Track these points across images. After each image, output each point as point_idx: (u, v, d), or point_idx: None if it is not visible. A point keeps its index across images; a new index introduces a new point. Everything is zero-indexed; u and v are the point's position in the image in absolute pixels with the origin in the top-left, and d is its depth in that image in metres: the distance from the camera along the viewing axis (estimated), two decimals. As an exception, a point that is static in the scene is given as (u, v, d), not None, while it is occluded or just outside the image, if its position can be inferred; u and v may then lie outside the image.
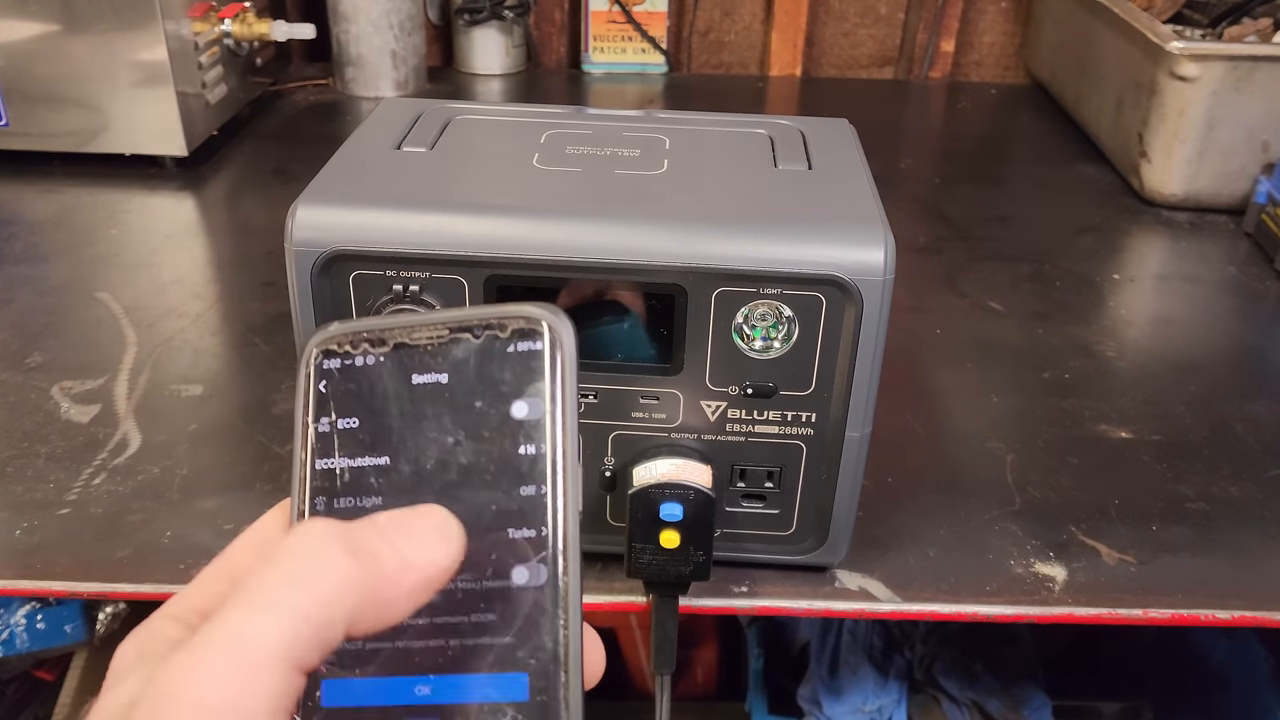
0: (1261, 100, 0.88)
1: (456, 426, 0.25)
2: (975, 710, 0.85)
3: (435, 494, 0.24)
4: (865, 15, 1.32)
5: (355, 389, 0.25)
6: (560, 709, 0.23)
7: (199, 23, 0.96)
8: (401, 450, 0.25)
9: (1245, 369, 0.72)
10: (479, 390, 0.25)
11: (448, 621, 0.24)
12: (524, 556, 0.24)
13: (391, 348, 0.25)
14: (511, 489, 0.24)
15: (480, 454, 0.25)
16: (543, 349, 0.25)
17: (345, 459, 0.25)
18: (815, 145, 0.52)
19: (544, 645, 0.23)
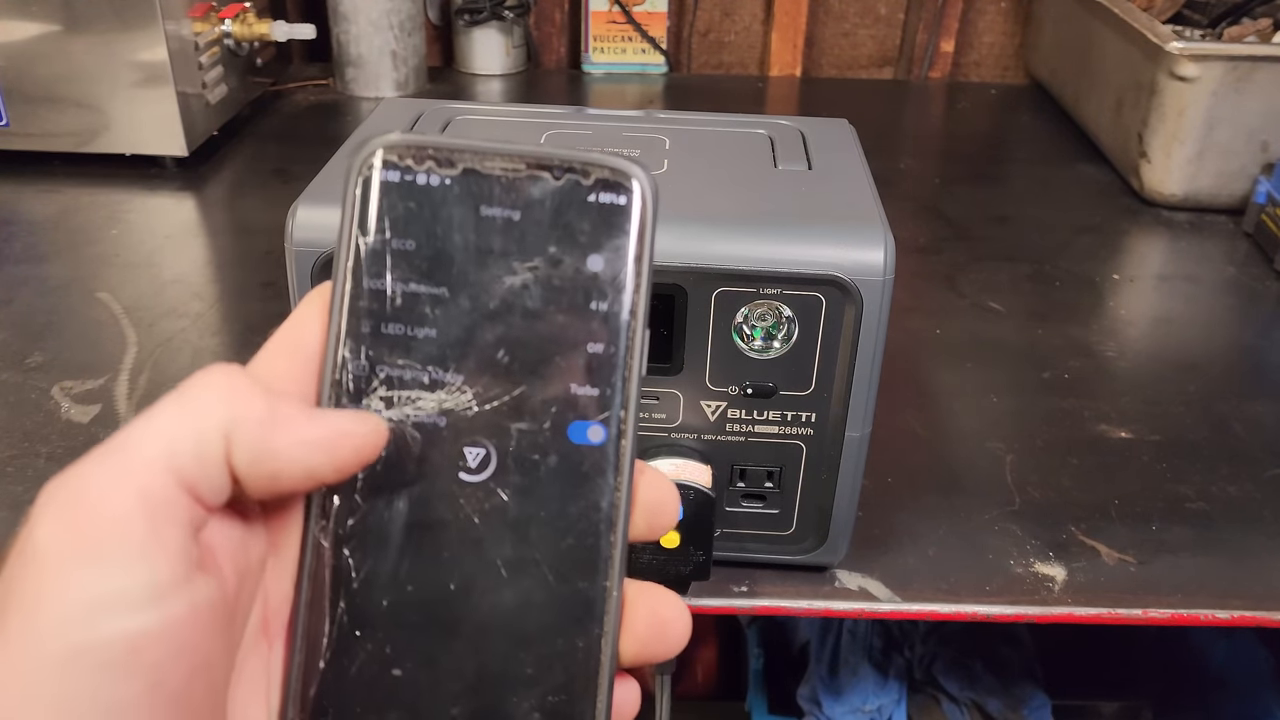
0: (1261, 100, 0.88)
1: (525, 269, 0.23)
2: (975, 710, 0.85)
3: (496, 336, 0.23)
4: (865, 15, 1.32)
5: (415, 208, 0.23)
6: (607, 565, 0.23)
7: (199, 23, 0.96)
8: (462, 283, 0.23)
9: (1245, 369, 0.72)
10: (553, 235, 0.23)
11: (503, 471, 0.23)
12: (585, 414, 0.23)
13: (460, 171, 0.23)
14: (579, 344, 0.23)
15: (549, 302, 0.23)
16: (628, 205, 0.23)
17: (399, 282, 0.23)
18: (815, 145, 0.53)
19: (598, 505, 0.23)
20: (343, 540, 0.24)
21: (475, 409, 0.23)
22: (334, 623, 0.23)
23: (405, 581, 0.23)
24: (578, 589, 0.23)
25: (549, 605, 0.23)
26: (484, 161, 0.23)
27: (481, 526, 0.23)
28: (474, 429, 0.23)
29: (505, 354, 0.23)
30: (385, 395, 0.23)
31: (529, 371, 0.23)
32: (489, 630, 0.23)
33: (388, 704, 0.23)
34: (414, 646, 0.23)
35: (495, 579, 0.23)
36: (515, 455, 0.23)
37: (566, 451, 0.23)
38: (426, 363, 0.23)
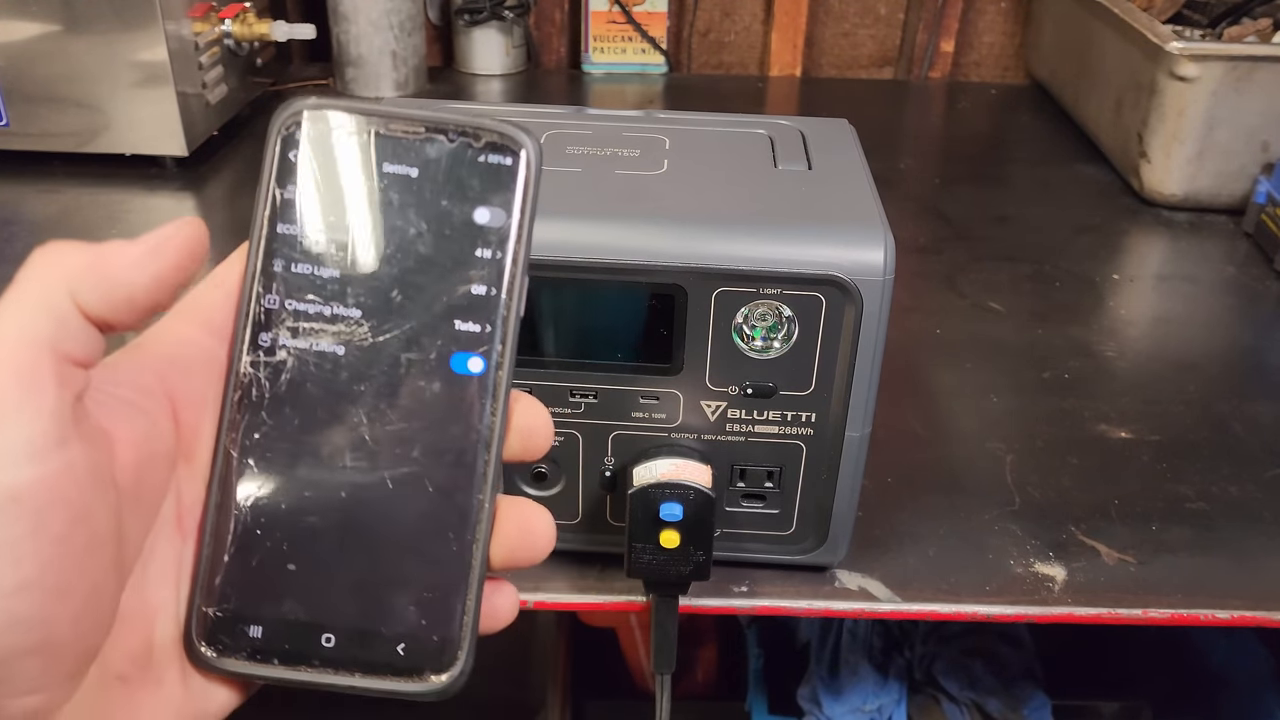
0: (1261, 100, 0.88)
1: (420, 219, 0.26)
2: (975, 710, 0.85)
3: (391, 276, 0.26)
4: (865, 15, 1.32)
5: (326, 164, 0.26)
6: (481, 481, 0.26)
7: (199, 23, 0.96)
8: (364, 231, 0.26)
9: (1244, 369, 0.72)
10: (446, 190, 0.26)
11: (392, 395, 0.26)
12: (467, 347, 0.27)
13: (367, 133, 0.27)
14: (464, 286, 0.26)
15: (439, 249, 0.26)
16: (513, 165, 0.27)
17: (308, 228, 0.26)
18: (815, 145, 0.53)
19: (475, 427, 0.27)
20: (249, 450, 0.27)
21: (370, 340, 0.26)
22: (238, 522, 0.27)
23: (302, 488, 0.27)
24: (454, 500, 0.27)
25: (428, 514, 0.27)
26: (388, 124, 0.26)
27: (371, 443, 0.26)
28: (368, 358, 0.26)
29: (399, 293, 0.26)
30: (291, 326, 0.27)
31: (419, 309, 0.26)
32: (374, 534, 0.26)
33: (282, 595, 0.27)
34: (308, 546, 0.27)
35: (382, 489, 0.27)
36: (404, 381, 0.26)
37: (449, 379, 0.26)
38: (329, 299, 0.26)
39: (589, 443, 0.48)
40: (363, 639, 0.27)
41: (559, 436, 0.48)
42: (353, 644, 0.26)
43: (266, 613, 0.27)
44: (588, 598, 0.51)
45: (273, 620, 0.27)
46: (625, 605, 0.51)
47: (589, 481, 0.50)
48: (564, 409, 0.47)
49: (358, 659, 0.27)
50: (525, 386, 0.47)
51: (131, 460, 0.25)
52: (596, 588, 0.51)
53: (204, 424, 0.27)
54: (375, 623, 0.27)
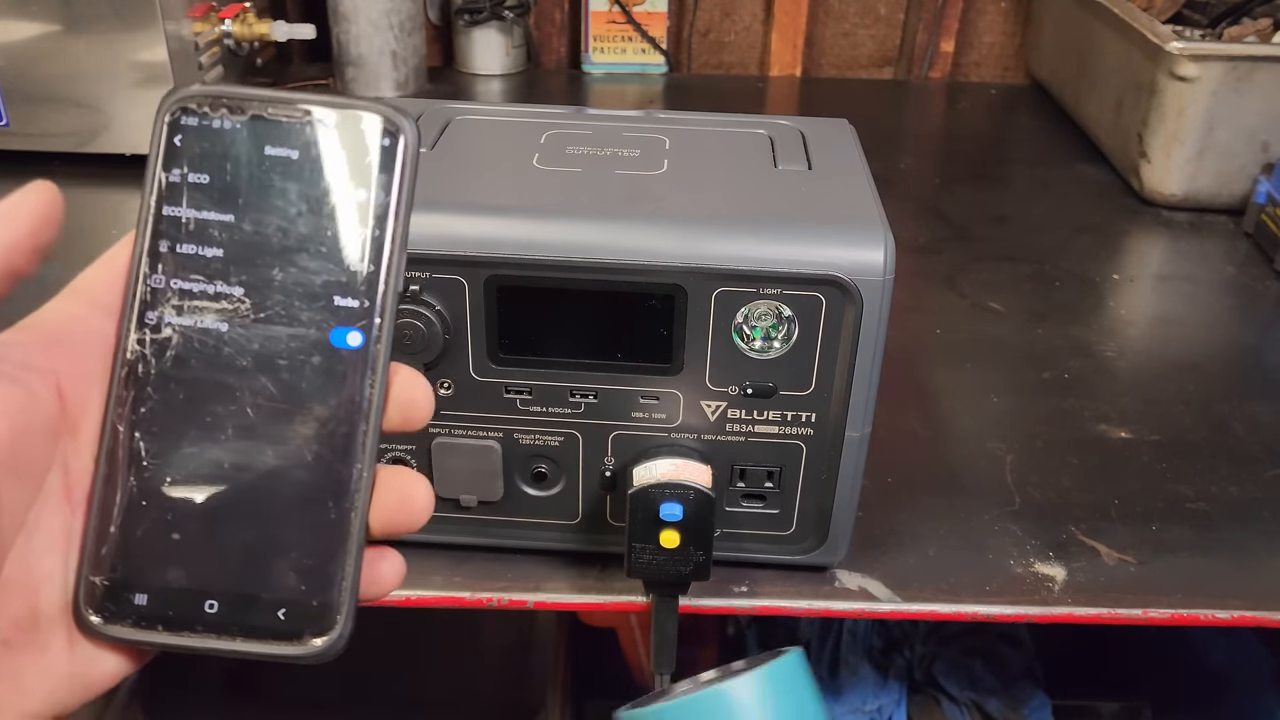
0: (1261, 100, 0.88)
1: (301, 199, 0.27)
2: (975, 710, 0.85)
3: (273, 255, 0.27)
4: (865, 15, 1.32)
5: (209, 148, 0.27)
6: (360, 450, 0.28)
7: (199, 23, 0.96)
8: (247, 211, 0.27)
9: (1245, 369, 0.72)
10: (325, 171, 0.27)
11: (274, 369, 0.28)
12: (346, 322, 0.27)
13: (249, 117, 0.27)
14: (343, 262, 0.27)
15: (319, 228, 0.27)
16: (388, 145, 0.28)
17: (192, 210, 0.27)
18: (815, 145, 0.53)
19: (354, 399, 0.28)
20: (135, 425, 0.28)
21: (253, 316, 0.27)
22: (125, 494, 0.28)
23: (186, 460, 0.28)
24: (333, 470, 0.28)
25: (307, 483, 0.28)
26: (269, 108, 0.27)
27: (253, 415, 0.28)
28: (251, 333, 0.28)
29: (280, 271, 0.27)
30: (176, 304, 0.28)
31: (299, 285, 0.27)
32: (256, 503, 0.28)
33: (167, 563, 0.28)
34: (191, 516, 0.28)
35: (263, 460, 0.28)
36: (285, 356, 0.28)
37: (329, 353, 0.27)
38: (213, 278, 0.27)
39: (589, 443, 0.48)
40: (245, 605, 0.28)
41: (559, 436, 0.48)
42: (235, 610, 0.27)
43: (151, 581, 0.28)
44: (588, 598, 0.51)
45: (157, 588, 0.28)
46: (625, 605, 0.51)
47: (589, 481, 0.50)
48: (564, 409, 0.47)
49: (240, 624, 0.27)
50: (526, 387, 0.47)
51: (6, 431, 0.26)
52: (596, 588, 0.51)
53: (91, 399, 0.28)
54: (257, 589, 0.28)
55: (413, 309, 0.44)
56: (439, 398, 0.47)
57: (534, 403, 0.47)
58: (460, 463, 0.49)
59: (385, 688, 0.92)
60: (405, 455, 0.49)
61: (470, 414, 0.48)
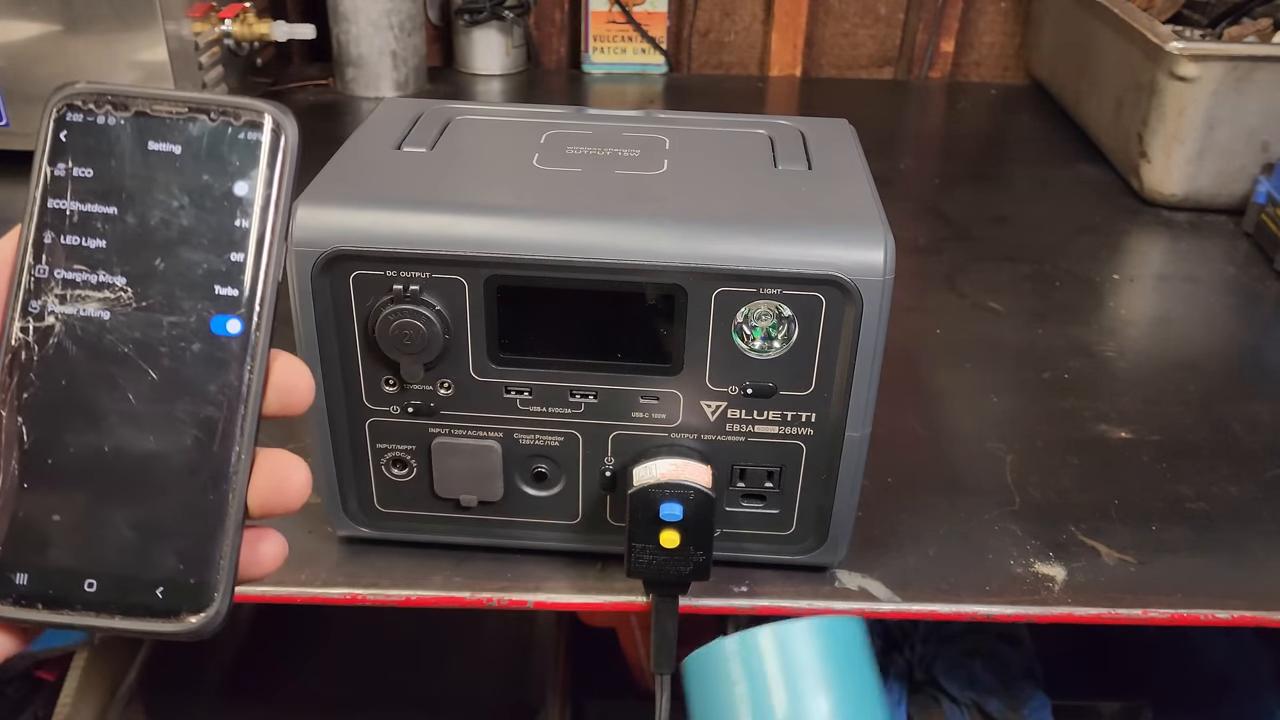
0: (1261, 100, 0.88)
1: (182, 193, 0.28)
2: (975, 710, 0.85)
3: (155, 247, 0.28)
4: (865, 15, 1.32)
5: (94, 143, 0.28)
6: (239, 434, 0.29)
7: (199, 23, 0.96)
8: (130, 204, 0.28)
9: (1245, 369, 0.72)
10: (207, 165, 0.28)
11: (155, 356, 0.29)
12: (225, 310, 0.29)
13: (133, 114, 0.28)
14: (223, 253, 0.28)
15: (200, 220, 0.28)
16: (267, 140, 0.28)
17: (76, 202, 0.28)
18: (815, 145, 0.53)
19: (233, 384, 0.29)
20: (18, 410, 0.29)
21: (135, 305, 0.28)
22: (6, 477, 0.29)
23: (69, 445, 0.29)
24: (211, 453, 0.29)
25: (186, 466, 0.29)
26: (153, 105, 0.28)
27: (135, 401, 0.29)
28: (133, 321, 0.28)
29: (162, 261, 0.28)
30: (60, 294, 0.28)
31: (180, 275, 0.28)
32: (136, 486, 0.29)
33: (48, 544, 0.29)
34: (73, 498, 0.29)
35: (144, 444, 0.29)
36: (166, 343, 0.29)
37: (208, 340, 0.29)
38: (96, 268, 0.28)
39: (589, 443, 0.48)
40: (123, 584, 0.29)
41: (559, 436, 0.48)
42: (114, 588, 0.28)
43: (32, 561, 0.29)
44: (588, 598, 0.51)
45: (38, 568, 0.29)
46: (625, 605, 0.51)
47: (589, 481, 0.50)
48: (564, 409, 0.47)
49: (118, 602, 0.28)
50: (526, 387, 0.47)
51: None
52: (596, 588, 0.51)
53: None
54: (135, 568, 0.29)
55: (413, 309, 0.44)
56: (439, 398, 0.47)
57: (534, 403, 0.47)
58: (460, 463, 0.49)
59: (385, 688, 0.92)
60: (405, 455, 0.49)
61: (470, 414, 0.48)
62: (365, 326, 0.45)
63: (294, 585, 0.51)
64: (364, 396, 0.48)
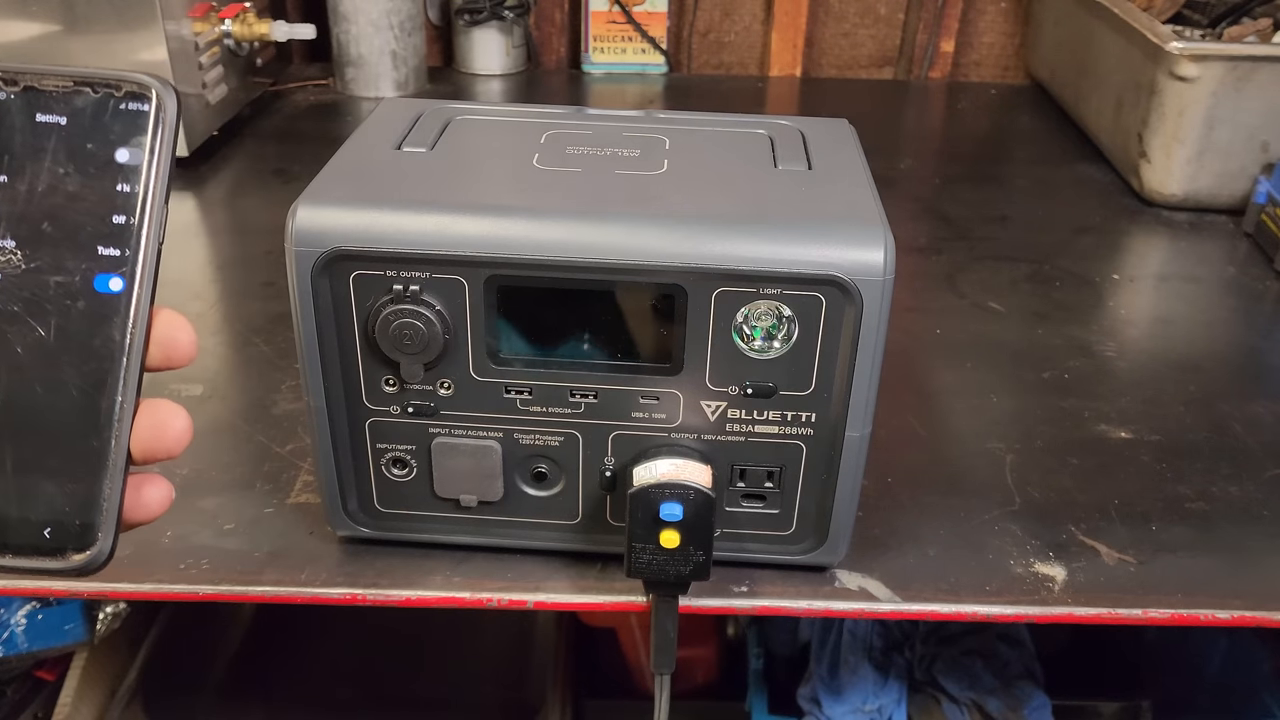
0: (1261, 100, 0.88)
1: (68, 161, 0.30)
2: (975, 710, 0.85)
3: (43, 211, 0.30)
4: (865, 15, 1.32)
5: None
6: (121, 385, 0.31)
7: (199, 23, 0.96)
8: (19, 172, 0.30)
9: (1245, 369, 0.72)
10: (90, 135, 0.30)
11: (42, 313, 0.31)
12: (108, 269, 0.30)
13: (21, 88, 0.30)
14: (106, 216, 0.30)
15: (84, 185, 0.30)
16: (148, 111, 0.30)
17: None
18: (815, 145, 0.53)
19: (116, 338, 0.31)
20: None
21: (24, 267, 0.30)
22: None
23: None
24: (95, 402, 0.31)
25: (73, 414, 0.31)
26: (41, 80, 0.30)
27: (24, 354, 0.30)
28: (21, 282, 0.30)
29: (49, 225, 0.30)
30: None
31: (67, 238, 0.30)
32: (24, 433, 0.31)
33: None
34: None
35: (31, 394, 0.31)
36: (53, 300, 0.30)
37: (92, 298, 0.30)
38: None
39: (589, 443, 0.48)
40: (12, 524, 0.31)
41: (559, 436, 0.48)
42: (3, 528, 0.31)
43: None
44: (588, 598, 0.51)
45: None
46: (625, 605, 0.51)
47: (589, 481, 0.50)
48: (564, 409, 0.47)
49: (9, 542, 0.31)
50: (526, 387, 0.47)
51: None
52: (596, 588, 0.51)
53: None
54: (24, 510, 0.31)
55: (413, 309, 0.44)
56: (439, 398, 0.47)
57: (534, 403, 0.47)
58: (460, 463, 0.49)
59: (386, 687, 0.92)
60: (405, 455, 0.49)
61: (470, 414, 0.48)
62: (365, 326, 0.45)
63: (294, 585, 0.51)
64: (364, 396, 0.48)
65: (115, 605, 0.90)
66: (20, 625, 0.87)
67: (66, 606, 0.87)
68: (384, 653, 0.95)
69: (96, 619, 0.89)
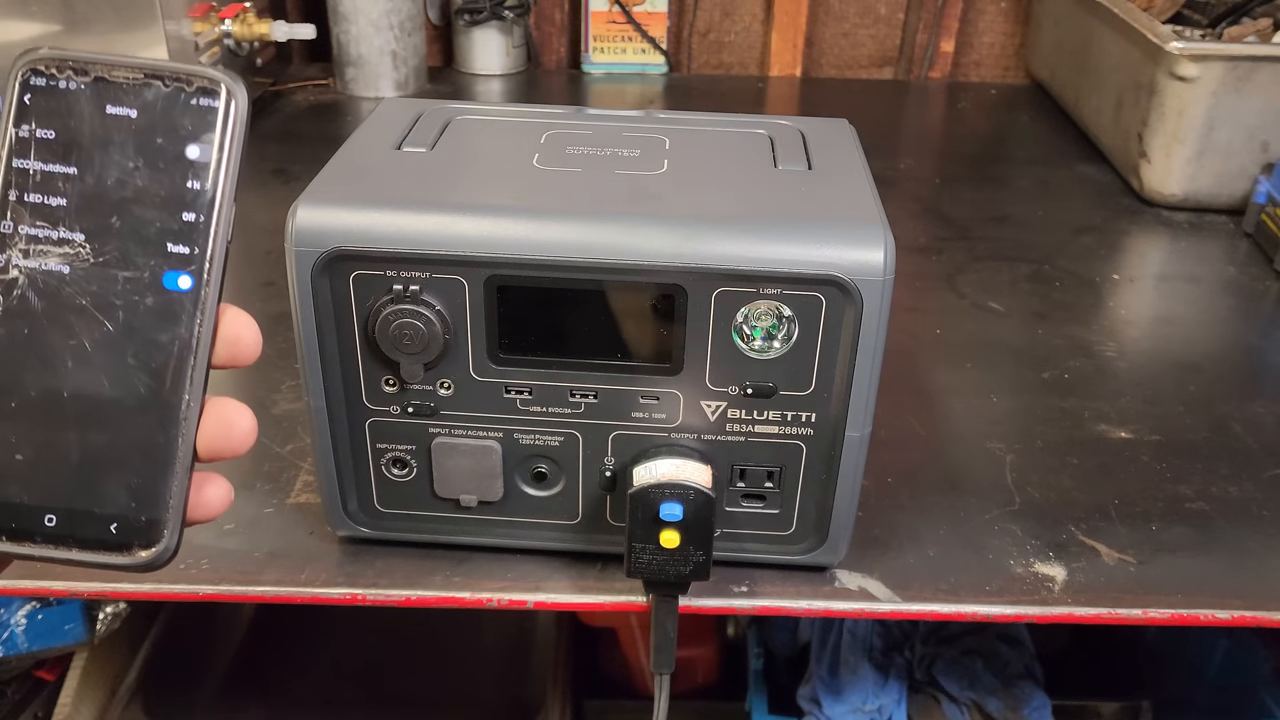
0: (1261, 100, 0.88)
1: (138, 155, 0.30)
2: (975, 710, 0.85)
3: (113, 205, 0.30)
4: (865, 15, 1.32)
5: (56, 106, 0.30)
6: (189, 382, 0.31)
7: (199, 23, 0.96)
8: (89, 165, 0.30)
9: (1245, 369, 0.72)
10: (161, 129, 0.30)
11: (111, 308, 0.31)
12: (177, 266, 0.30)
13: (92, 79, 0.30)
14: (176, 212, 0.30)
15: (154, 180, 0.30)
16: (218, 107, 0.30)
17: (39, 162, 0.30)
18: (815, 145, 0.53)
19: (184, 335, 0.31)
20: None
21: (93, 260, 0.30)
22: None
23: (30, 389, 0.31)
24: (163, 399, 0.31)
25: (141, 409, 0.31)
26: (111, 71, 0.30)
27: (92, 349, 0.31)
28: (91, 275, 0.30)
29: (118, 219, 0.30)
30: (24, 248, 0.30)
31: (135, 233, 0.30)
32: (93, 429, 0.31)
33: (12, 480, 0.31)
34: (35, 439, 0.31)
35: (100, 389, 0.31)
36: (122, 295, 0.30)
37: (161, 294, 0.30)
38: (57, 225, 0.30)
39: (589, 443, 0.48)
40: (80, 519, 0.31)
41: (559, 436, 0.48)
42: (72, 523, 0.31)
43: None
44: (588, 598, 0.51)
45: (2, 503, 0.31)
46: (625, 605, 0.51)
47: (589, 481, 0.50)
48: (564, 409, 0.47)
49: (75, 536, 0.31)
50: (526, 387, 0.47)
51: None
52: (596, 588, 0.51)
53: None
54: (91, 505, 0.31)
55: (413, 309, 0.44)
56: (439, 398, 0.47)
57: (534, 403, 0.47)
58: (460, 463, 0.49)
59: (386, 687, 0.92)
60: (405, 455, 0.49)
61: (470, 414, 0.48)
62: (365, 326, 0.45)
63: (294, 585, 0.51)
64: (364, 396, 0.48)
65: (115, 605, 0.90)
66: (20, 625, 0.87)
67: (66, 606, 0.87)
68: (384, 653, 0.95)
69: (96, 619, 0.89)
